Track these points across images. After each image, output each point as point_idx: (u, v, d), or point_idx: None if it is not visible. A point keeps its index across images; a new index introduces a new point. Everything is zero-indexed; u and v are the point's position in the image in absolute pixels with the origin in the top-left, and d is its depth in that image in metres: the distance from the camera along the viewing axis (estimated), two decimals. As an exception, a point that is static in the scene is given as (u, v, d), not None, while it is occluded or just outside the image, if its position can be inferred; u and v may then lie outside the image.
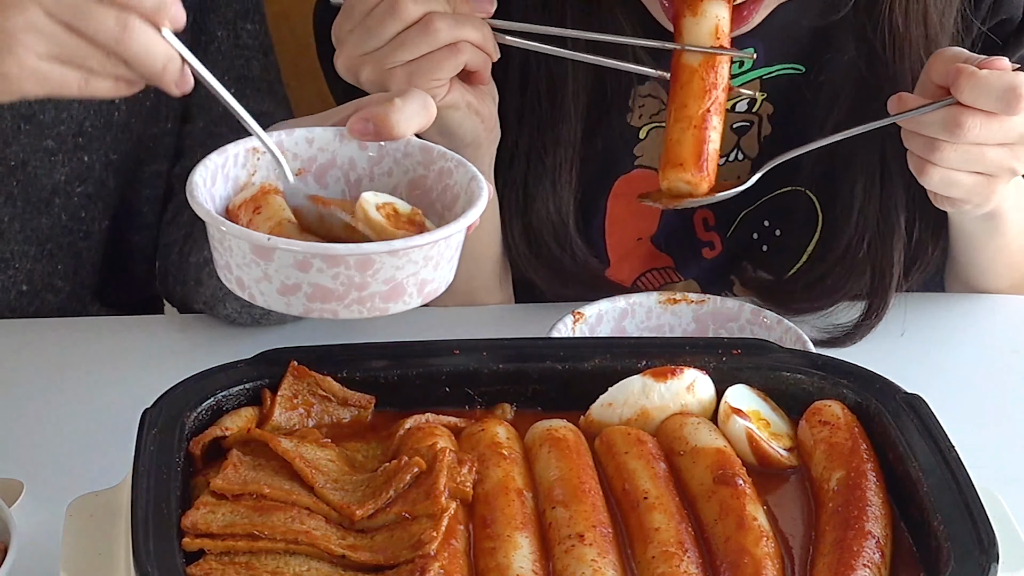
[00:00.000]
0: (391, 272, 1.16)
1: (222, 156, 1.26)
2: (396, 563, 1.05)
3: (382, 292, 1.17)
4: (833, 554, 1.06)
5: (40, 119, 1.60)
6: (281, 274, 1.16)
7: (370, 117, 1.26)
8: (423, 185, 1.29)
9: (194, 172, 1.23)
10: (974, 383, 1.53)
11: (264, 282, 1.17)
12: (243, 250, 1.17)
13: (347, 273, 1.15)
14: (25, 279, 1.66)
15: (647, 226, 1.76)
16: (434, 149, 1.28)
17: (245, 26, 1.72)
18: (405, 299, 1.18)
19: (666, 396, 1.21)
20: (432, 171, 1.28)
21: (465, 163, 1.27)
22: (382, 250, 1.15)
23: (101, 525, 1.10)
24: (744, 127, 1.71)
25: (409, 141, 1.29)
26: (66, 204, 1.64)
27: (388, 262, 1.15)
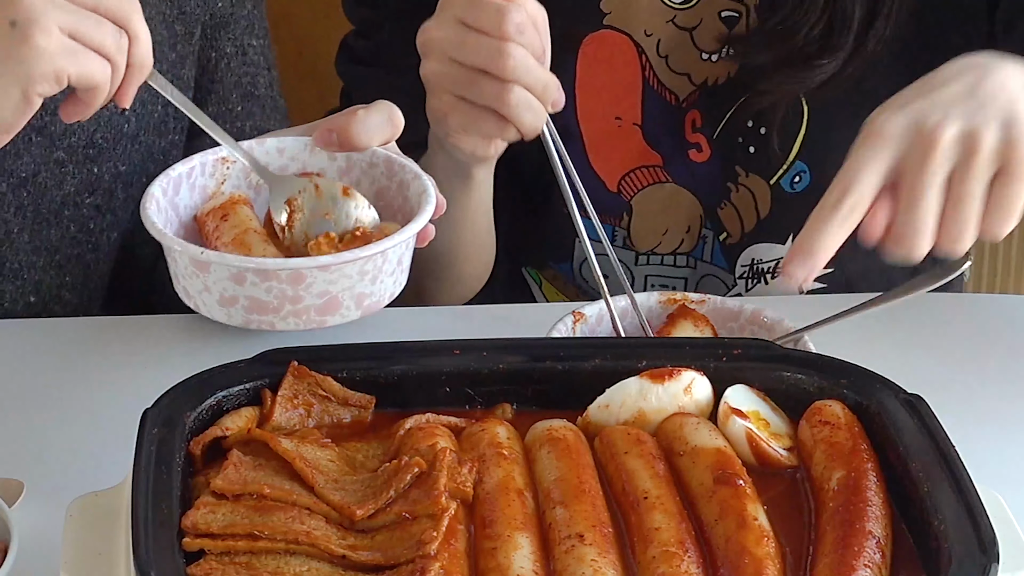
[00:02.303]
0: (324, 286, 1.19)
1: (187, 166, 1.29)
2: (396, 563, 1.05)
3: (317, 305, 1.20)
4: (834, 554, 1.06)
5: (51, 130, 1.60)
6: (219, 286, 1.20)
7: (334, 128, 1.30)
8: (387, 195, 1.31)
9: (154, 183, 1.26)
10: (974, 383, 1.53)
11: (205, 293, 1.21)
12: (184, 262, 1.20)
13: (280, 287, 1.18)
14: (33, 290, 1.66)
15: (627, 105, 1.73)
16: (395, 161, 1.31)
17: (251, 42, 1.72)
18: (343, 312, 1.21)
19: (663, 398, 1.21)
20: (394, 182, 1.31)
21: (421, 176, 1.29)
22: (311, 265, 1.18)
23: (101, 525, 1.10)
24: (733, 17, 1.68)
25: (375, 152, 1.31)
26: (75, 216, 1.64)
27: (320, 276, 1.18)
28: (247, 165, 1.31)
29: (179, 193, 1.28)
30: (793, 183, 1.72)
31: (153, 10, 1.65)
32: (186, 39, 1.67)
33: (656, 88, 1.72)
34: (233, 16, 1.71)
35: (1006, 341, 1.61)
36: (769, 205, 1.75)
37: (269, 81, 1.75)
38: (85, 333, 1.60)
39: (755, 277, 1.80)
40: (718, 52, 1.69)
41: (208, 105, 1.71)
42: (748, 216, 1.77)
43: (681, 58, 1.71)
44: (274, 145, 1.32)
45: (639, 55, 1.71)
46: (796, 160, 1.72)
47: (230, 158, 1.31)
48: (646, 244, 1.81)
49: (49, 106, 1.58)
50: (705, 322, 1.49)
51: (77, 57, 1.20)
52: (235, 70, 1.71)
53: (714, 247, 1.79)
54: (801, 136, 1.70)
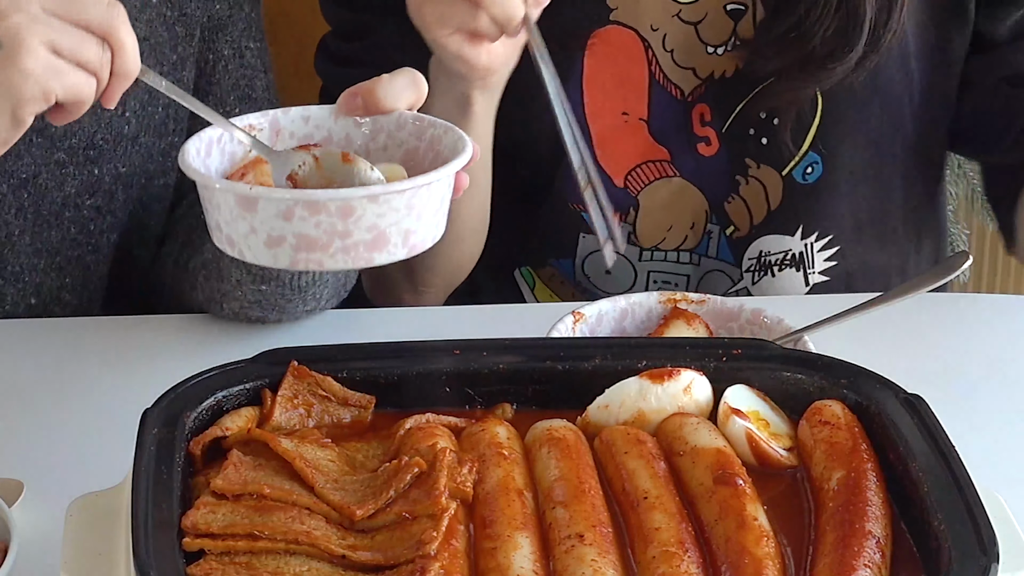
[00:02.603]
0: (373, 219, 1.17)
1: (217, 131, 1.29)
2: (396, 563, 1.05)
3: (366, 241, 1.18)
4: (834, 554, 1.06)
5: (51, 132, 1.60)
6: (266, 225, 1.18)
7: (359, 92, 1.29)
8: (416, 155, 1.30)
9: (188, 141, 1.25)
10: (974, 383, 1.53)
11: (251, 236, 1.19)
12: (229, 204, 1.19)
13: (329, 220, 1.17)
14: (34, 292, 1.66)
15: (633, 100, 1.73)
16: (425, 119, 1.30)
17: (248, 44, 1.73)
18: (390, 249, 1.19)
19: (663, 398, 1.21)
20: (424, 140, 1.30)
21: (453, 128, 1.28)
22: (362, 195, 1.17)
23: (101, 525, 1.10)
24: (738, 11, 1.68)
25: (401, 114, 1.31)
26: (75, 217, 1.64)
27: (369, 209, 1.17)
28: (275, 128, 1.31)
29: (211, 155, 1.28)
30: (805, 174, 1.73)
31: (154, 12, 1.65)
32: (187, 41, 1.68)
33: (662, 83, 1.72)
34: (231, 18, 1.71)
35: (1006, 341, 1.61)
36: (780, 196, 1.75)
37: (266, 84, 1.75)
38: (85, 333, 1.60)
39: (762, 270, 1.80)
40: (724, 45, 1.69)
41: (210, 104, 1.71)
42: (758, 208, 1.77)
43: (687, 52, 1.71)
44: (299, 114, 1.32)
45: (645, 50, 1.71)
46: (809, 151, 1.72)
47: (257, 125, 1.31)
48: (650, 240, 1.81)
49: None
50: (699, 321, 1.49)
51: (63, 76, 1.20)
52: (232, 72, 1.72)
53: (720, 242, 1.79)
54: (815, 127, 1.71)
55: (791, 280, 1.79)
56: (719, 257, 1.80)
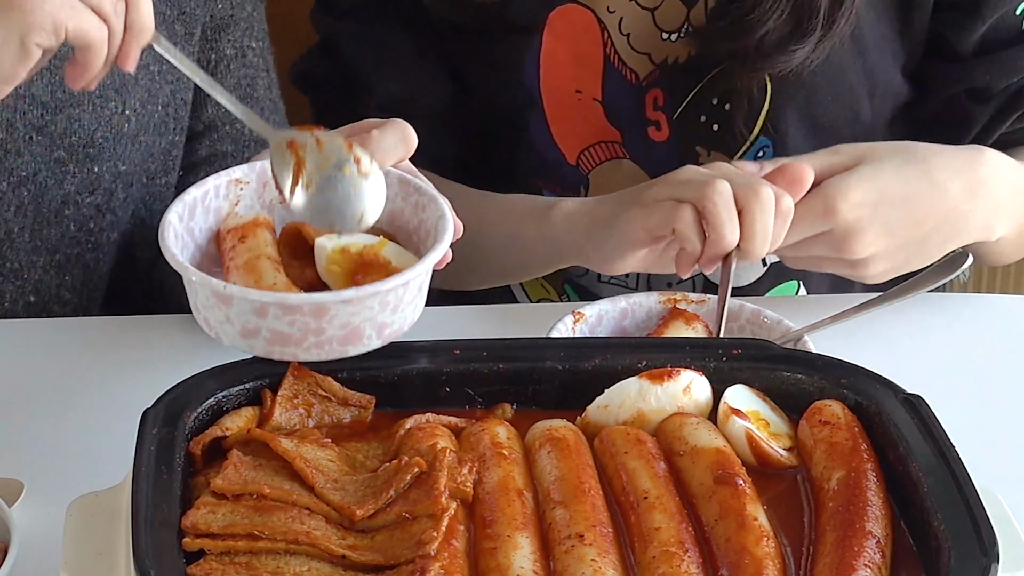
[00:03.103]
0: (346, 318, 1.19)
1: (201, 189, 1.30)
2: (396, 563, 1.05)
3: (339, 336, 1.20)
4: (834, 554, 1.06)
5: (51, 130, 1.60)
6: (241, 319, 1.20)
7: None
8: (401, 217, 1.32)
9: (170, 209, 1.27)
10: (974, 383, 1.53)
11: (227, 324, 1.21)
12: (206, 294, 1.21)
13: (303, 320, 1.19)
14: (33, 290, 1.66)
15: (588, 80, 1.74)
16: (411, 183, 1.31)
17: (250, 44, 1.73)
18: (364, 341, 1.22)
19: (662, 398, 1.21)
20: (408, 204, 1.31)
21: (437, 199, 1.29)
22: (335, 300, 1.19)
23: (101, 525, 1.10)
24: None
25: (389, 172, 1.31)
26: (75, 215, 1.64)
27: (343, 309, 1.19)
28: (262, 180, 1.31)
29: (194, 217, 1.29)
30: (757, 158, 1.73)
31: (154, 10, 1.65)
32: (186, 39, 1.67)
33: (617, 65, 1.74)
34: (233, 18, 1.71)
35: (1006, 341, 1.61)
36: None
37: (268, 83, 1.75)
38: (85, 333, 1.60)
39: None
40: (678, 32, 1.71)
41: (207, 107, 1.71)
42: None
43: (642, 37, 1.72)
44: None
45: (601, 31, 1.73)
46: (760, 136, 1.73)
47: (243, 179, 1.32)
48: None
49: (50, 105, 1.59)
50: (698, 321, 1.49)
51: (75, 11, 1.21)
52: (234, 72, 1.72)
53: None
54: (764, 112, 1.72)
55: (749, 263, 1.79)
56: None
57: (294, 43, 1.90)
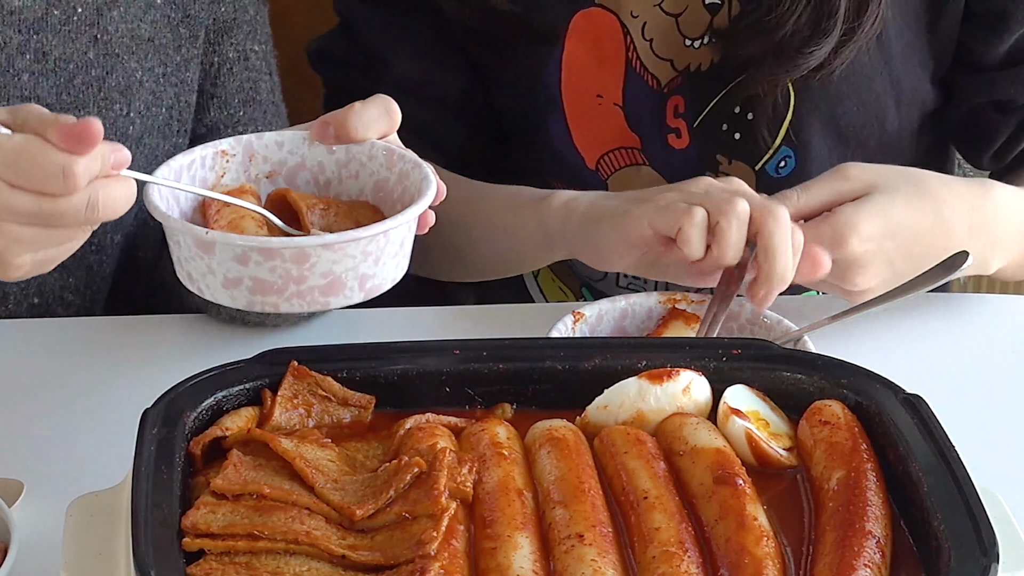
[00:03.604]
0: (328, 266, 1.19)
1: (188, 157, 1.30)
2: (396, 563, 1.05)
3: (320, 286, 1.20)
4: (834, 554, 1.06)
5: None
6: (223, 267, 1.19)
7: (331, 121, 1.30)
8: (386, 187, 1.32)
9: (157, 171, 1.26)
10: (974, 383, 1.53)
11: (209, 275, 1.21)
12: (188, 244, 1.21)
13: (284, 266, 1.18)
14: (36, 291, 1.66)
15: (609, 84, 1.74)
16: (395, 151, 1.32)
17: (253, 47, 1.73)
18: (346, 293, 1.21)
19: (662, 399, 1.21)
20: (393, 173, 1.31)
21: (421, 164, 1.30)
22: (316, 243, 1.19)
23: (101, 525, 1.10)
24: (716, 5, 1.70)
25: (374, 144, 1.32)
26: None
27: (324, 256, 1.18)
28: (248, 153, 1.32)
29: (180, 182, 1.29)
30: (779, 167, 1.74)
31: (158, 13, 1.65)
32: (191, 42, 1.67)
33: (639, 70, 1.73)
34: (236, 21, 1.71)
35: (1006, 341, 1.61)
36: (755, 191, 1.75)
37: (271, 86, 1.75)
38: (85, 333, 1.60)
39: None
40: (701, 39, 1.70)
41: (210, 110, 1.71)
42: None
43: (665, 43, 1.72)
44: (273, 138, 1.33)
45: (624, 36, 1.73)
46: (782, 145, 1.73)
47: (229, 152, 1.32)
48: None
49: (55, 107, 1.59)
50: (698, 321, 1.49)
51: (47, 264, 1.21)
52: (237, 75, 1.72)
53: None
54: (788, 121, 1.72)
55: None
56: None
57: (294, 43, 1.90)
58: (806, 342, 1.45)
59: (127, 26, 1.62)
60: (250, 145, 1.32)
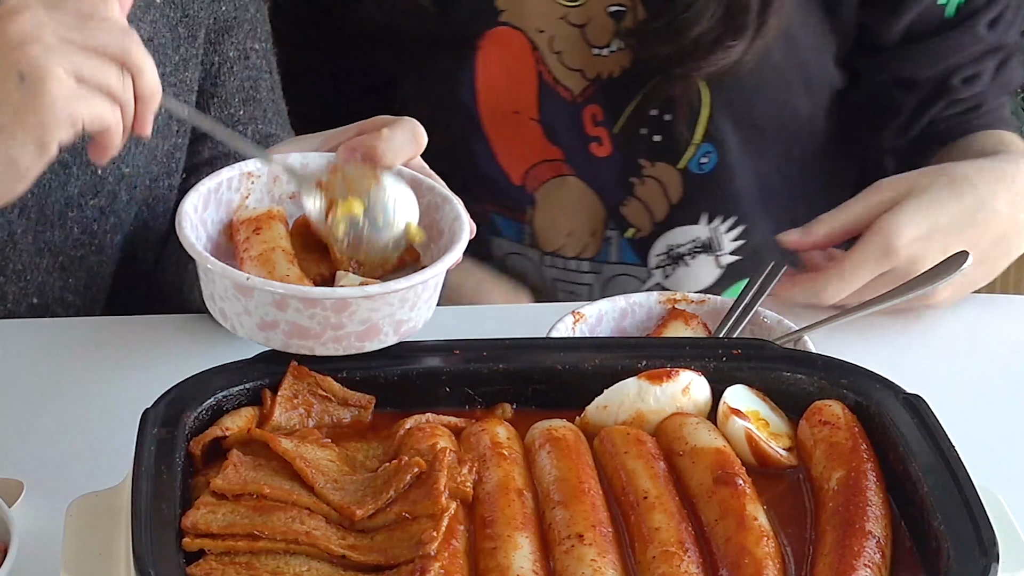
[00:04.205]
0: (367, 314, 1.20)
1: (215, 180, 1.30)
2: (396, 563, 1.05)
3: (358, 332, 1.21)
4: (834, 554, 1.06)
5: None
6: (260, 311, 1.20)
7: (358, 147, 1.30)
8: None
9: (185, 200, 1.27)
10: (974, 383, 1.53)
11: (244, 316, 1.21)
12: (225, 285, 1.21)
13: (323, 314, 1.19)
14: (36, 292, 1.66)
15: (524, 100, 1.77)
16: (423, 182, 1.32)
17: (253, 46, 1.73)
18: (381, 338, 1.22)
19: (662, 399, 1.21)
20: (420, 203, 1.31)
21: (451, 200, 1.30)
22: (357, 295, 1.19)
23: (101, 525, 1.10)
24: (619, 12, 1.72)
25: (400, 171, 1.33)
26: (79, 217, 1.64)
27: (364, 305, 1.19)
28: (273, 174, 1.32)
29: (207, 208, 1.29)
30: (701, 164, 1.77)
31: (157, 12, 1.65)
32: (189, 42, 1.67)
33: (552, 84, 1.76)
34: (236, 20, 1.71)
35: (1006, 341, 1.61)
36: (681, 190, 1.79)
37: (271, 85, 1.75)
38: (85, 333, 1.60)
39: (673, 262, 1.84)
40: (608, 46, 1.73)
41: (210, 109, 1.71)
42: (658, 206, 1.80)
43: (574, 54, 1.75)
44: (298, 160, 1.33)
45: (533, 51, 1.76)
46: (703, 142, 1.76)
47: (255, 172, 1.32)
48: (550, 244, 1.85)
49: None
50: (697, 321, 1.49)
51: (88, 101, 1.21)
52: (237, 74, 1.72)
53: (620, 246, 1.83)
54: (705, 117, 1.74)
55: (704, 265, 1.84)
56: (622, 261, 1.84)
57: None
58: (806, 342, 1.45)
59: None
60: (275, 166, 1.32)
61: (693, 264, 1.83)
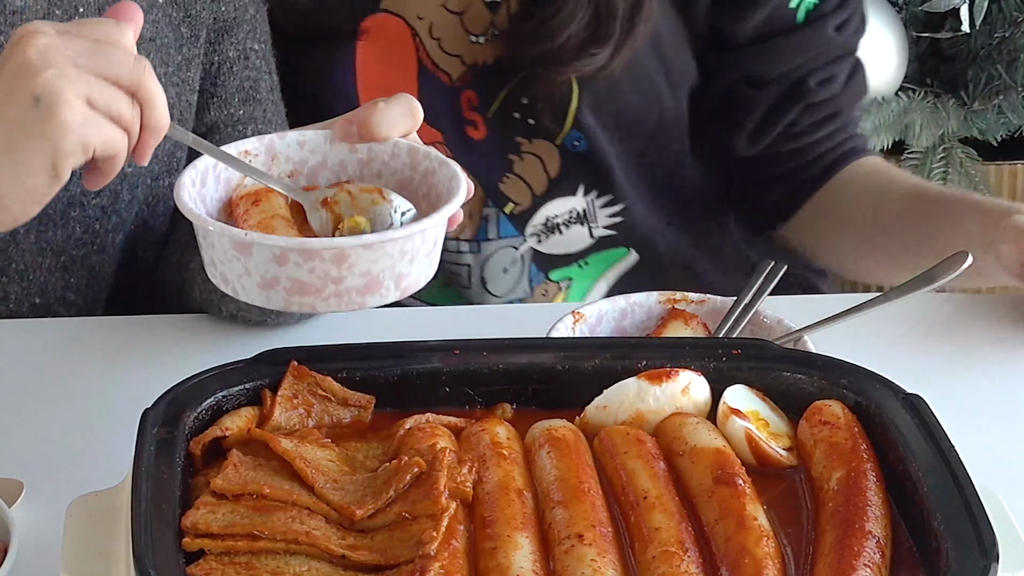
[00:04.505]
0: (367, 266, 1.19)
1: (212, 159, 1.29)
2: (396, 563, 1.05)
3: (359, 286, 1.19)
4: (833, 554, 1.06)
5: None
6: (260, 268, 1.19)
7: (354, 120, 1.30)
8: (410, 186, 1.31)
9: (183, 173, 1.27)
10: (974, 383, 1.53)
11: (245, 277, 1.20)
12: (224, 245, 1.20)
13: (323, 267, 1.18)
14: (38, 291, 1.66)
15: (404, 85, 1.79)
16: (420, 150, 1.32)
17: (253, 46, 1.73)
18: (382, 292, 1.21)
19: (661, 399, 1.21)
20: (418, 172, 1.31)
21: (448, 162, 1.30)
22: (356, 244, 1.18)
23: (101, 525, 1.10)
24: (495, 3, 1.76)
25: (396, 143, 1.32)
26: (81, 217, 1.64)
27: (363, 255, 1.18)
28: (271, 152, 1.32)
29: (206, 184, 1.29)
30: (575, 144, 1.81)
31: (160, 12, 1.65)
32: (192, 41, 1.68)
33: (431, 69, 1.80)
34: (236, 20, 1.71)
35: (1006, 341, 1.61)
36: (559, 164, 1.82)
37: (270, 85, 1.75)
38: (85, 333, 1.60)
39: (549, 231, 1.86)
40: (484, 35, 1.77)
41: (210, 109, 1.71)
42: (538, 180, 1.83)
43: (452, 40, 1.78)
44: (295, 138, 1.33)
45: (414, 37, 1.79)
46: (572, 129, 1.80)
47: (252, 151, 1.32)
48: None
49: None
50: (697, 321, 1.49)
51: (100, 127, 1.22)
52: (237, 74, 1.72)
53: (499, 221, 1.86)
54: (573, 109, 1.78)
55: (577, 235, 1.86)
56: (501, 236, 1.87)
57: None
58: (806, 342, 1.45)
59: None
60: (272, 145, 1.32)
61: (567, 233, 1.87)
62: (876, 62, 2.82)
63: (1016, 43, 2.87)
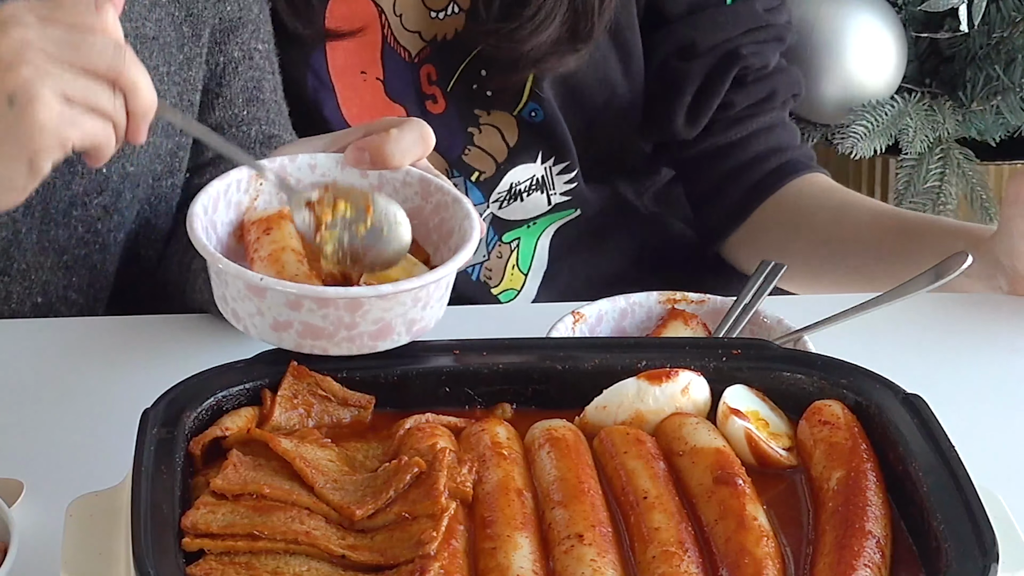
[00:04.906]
0: (380, 313, 1.20)
1: (224, 182, 1.30)
2: (396, 563, 1.05)
3: (371, 331, 1.21)
4: (833, 554, 1.06)
5: None
6: (273, 311, 1.20)
7: (366, 147, 1.30)
8: (420, 215, 1.32)
9: (196, 201, 1.27)
10: (974, 383, 1.53)
11: (257, 317, 1.21)
12: (238, 286, 1.20)
13: (337, 314, 1.19)
14: (40, 291, 1.66)
15: (369, 61, 1.83)
16: (432, 182, 1.32)
17: (257, 46, 1.73)
18: (394, 337, 1.22)
19: (661, 399, 1.21)
20: (429, 203, 1.32)
21: (461, 199, 1.30)
22: (371, 294, 1.19)
23: (101, 525, 1.10)
24: None
25: (408, 171, 1.32)
26: (83, 216, 1.64)
27: (377, 304, 1.19)
28: (281, 174, 1.32)
29: (217, 210, 1.29)
30: (531, 115, 1.84)
31: (163, 11, 1.65)
32: (194, 41, 1.68)
33: (393, 45, 1.83)
34: (241, 20, 1.71)
35: (1006, 341, 1.61)
36: (517, 133, 1.86)
37: (274, 85, 1.76)
38: (85, 333, 1.60)
39: (512, 198, 1.89)
40: (444, 10, 1.80)
41: (215, 109, 1.71)
42: (498, 150, 1.87)
43: (413, 16, 1.82)
44: (306, 161, 1.33)
45: (379, 14, 1.82)
46: (528, 102, 1.83)
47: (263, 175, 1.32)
48: None
49: None
50: (697, 321, 1.49)
51: (77, 123, 1.21)
52: (241, 74, 1.72)
53: (467, 189, 1.88)
54: (529, 84, 1.82)
55: (536, 202, 1.89)
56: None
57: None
58: (806, 342, 1.45)
59: (131, 24, 1.62)
60: (283, 167, 1.32)
61: (527, 201, 1.89)
62: (875, 62, 2.82)
63: (1014, 43, 2.87)
